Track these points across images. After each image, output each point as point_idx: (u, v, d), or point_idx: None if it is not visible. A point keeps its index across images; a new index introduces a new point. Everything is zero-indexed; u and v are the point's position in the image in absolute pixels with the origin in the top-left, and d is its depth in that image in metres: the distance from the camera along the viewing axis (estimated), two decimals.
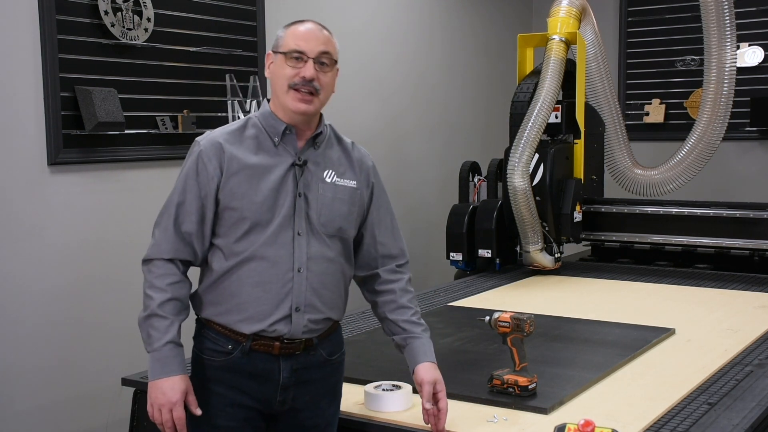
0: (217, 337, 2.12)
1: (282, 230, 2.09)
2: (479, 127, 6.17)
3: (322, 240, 2.14)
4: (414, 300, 2.34)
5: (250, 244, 2.08)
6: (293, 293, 2.09)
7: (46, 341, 3.47)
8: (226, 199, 2.08)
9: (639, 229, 4.60)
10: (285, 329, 2.09)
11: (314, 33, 2.13)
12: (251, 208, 2.07)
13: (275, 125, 2.13)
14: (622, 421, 2.20)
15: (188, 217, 2.09)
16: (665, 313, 3.46)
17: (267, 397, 2.13)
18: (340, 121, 4.88)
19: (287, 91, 2.10)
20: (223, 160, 2.08)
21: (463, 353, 2.85)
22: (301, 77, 2.09)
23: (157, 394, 2.04)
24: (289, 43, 2.11)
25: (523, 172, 4.10)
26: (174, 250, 2.09)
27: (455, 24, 5.94)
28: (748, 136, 5.85)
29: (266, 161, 2.11)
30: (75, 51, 3.52)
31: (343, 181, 2.19)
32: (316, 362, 2.18)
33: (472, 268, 4.49)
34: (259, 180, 2.09)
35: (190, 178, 2.09)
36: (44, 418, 3.46)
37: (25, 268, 3.39)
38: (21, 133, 3.37)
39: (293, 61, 2.10)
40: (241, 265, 2.08)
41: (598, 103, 4.79)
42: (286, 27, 2.16)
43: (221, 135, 2.13)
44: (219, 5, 4.14)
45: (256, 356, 2.10)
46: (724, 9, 4.54)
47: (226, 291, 2.10)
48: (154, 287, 2.07)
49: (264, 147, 2.12)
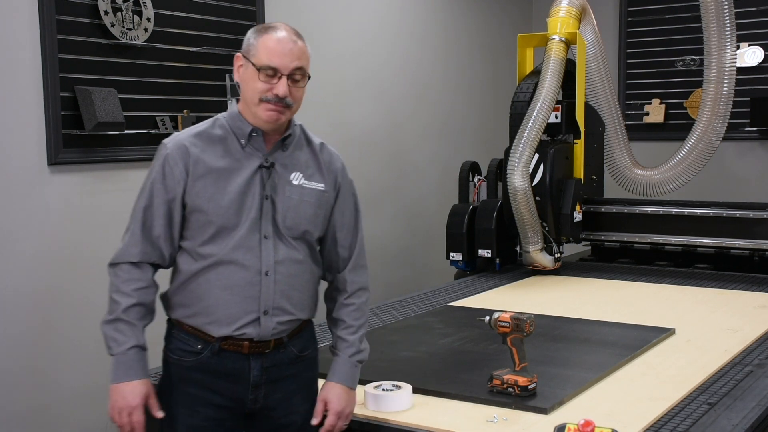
0: (186, 338, 2.13)
1: (250, 234, 2.09)
2: (479, 127, 6.17)
3: (289, 243, 2.14)
4: (356, 312, 2.25)
5: (218, 247, 2.08)
6: (261, 297, 2.10)
7: (45, 341, 3.47)
8: (192, 202, 2.08)
9: (639, 229, 4.60)
10: (253, 332, 2.10)
11: (287, 47, 2.07)
12: (218, 212, 2.07)
13: (242, 127, 2.13)
14: (622, 421, 2.20)
15: (156, 220, 2.09)
16: (665, 313, 3.46)
17: (239, 396, 2.14)
18: (339, 120, 4.92)
19: (258, 103, 2.08)
20: (189, 164, 2.08)
21: (463, 353, 2.85)
22: (274, 94, 2.07)
23: (117, 398, 2.06)
24: (262, 58, 2.06)
25: (523, 172, 4.10)
26: (142, 254, 2.09)
27: (455, 24, 5.94)
28: (748, 136, 5.85)
29: (233, 164, 2.10)
30: (75, 51, 3.52)
31: (310, 183, 2.18)
32: (287, 359, 2.18)
33: (472, 268, 4.49)
34: (226, 183, 2.08)
35: (156, 182, 2.10)
36: (43, 419, 3.46)
37: (24, 268, 3.39)
38: (21, 133, 3.37)
39: (266, 76, 2.07)
40: (210, 269, 2.09)
41: (598, 103, 4.79)
42: (258, 33, 2.10)
43: (187, 138, 2.12)
44: (219, 5, 4.14)
45: (225, 356, 2.11)
46: (724, 9, 4.54)
47: (194, 293, 2.11)
48: (120, 292, 2.07)
49: (231, 149, 2.12)
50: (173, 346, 2.15)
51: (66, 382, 3.54)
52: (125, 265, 2.09)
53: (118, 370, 2.06)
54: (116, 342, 2.06)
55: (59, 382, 3.53)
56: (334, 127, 4.83)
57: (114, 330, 2.06)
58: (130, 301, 2.07)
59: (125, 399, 2.05)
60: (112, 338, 2.06)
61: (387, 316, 3.43)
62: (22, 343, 3.39)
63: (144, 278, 2.10)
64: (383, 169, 5.29)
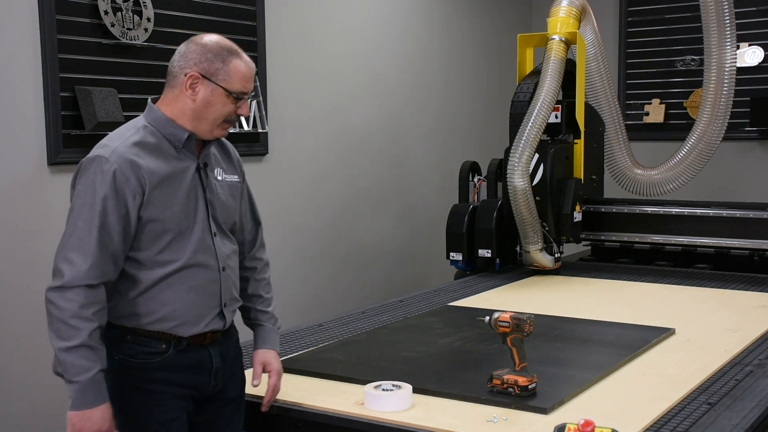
0: (147, 341, 2.14)
1: (204, 234, 2.17)
2: (479, 127, 6.17)
3: (228, 236, 2.27)
4: (267, 285, 2.46)
5: (177, 253, 2.12)
6: (222, 292, 2.22)
7: (45, 342, 3.46)
8: (147, 213, 2.08)
9: (639, 229, 4.60)
10: (219, 325, 2.22)
11: (252, 71, 2.19)
12: (172, 219, 2.11)
13: (176, 133, 2.14)
14: (622, 421, 2.20)
15: (114, 237, 2.04)
16: (665, 313, 3.46)
17: (201, 384, 2.22)
18: (339, 120, 4.92)
19: (220, 123, 2.16)
20: (141, 176, 2.06)
21: (463, 353, 2.85)
22: (237, 115, 2.18)
23: (85, 424, 2.02)
24: (235, 84, 2.13)
25: (523, 172, 4.10)
26: (101, 274, 2.02)
27: (455, 24, 5.94)
28: (748, 136, 5.85)
29: (175, 169, 2.13)
30: (75, 51, 3.52)
31: (230, 177, 2.29)
32: (233, 341, 2.34)
33: (472, 268, 4.49)
34: (174, 189, 2.12)
35: (109, 199, 2.02)
36: (43, 418, 3.46)
37: (24, 268, 3.39)
38: (21, 133, 3.37)
39: (235, 100, 2.15)
40: (173, 274, 2.12)
41: (598, 103, 4.79)
42: (225, 60, 2.12)
43: (127, 148, 2.07)
44: (219, 5, 4.14)
45: (189, 350, 2.18)
46: (724, 9, 4.54)
47: (155, 300, 2.12)
48: (79, 317, 1.98)
49: (167, 155, 2.13)
50: (132, 352, 2.13)
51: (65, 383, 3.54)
52: (80, 289, 1.99)
53: (85, 396, 2.01)
54: (81, 368, 2.00)
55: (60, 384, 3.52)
56: (334, 127, 4.83)
57: (77, 356, 1.99)
58: (91, 325, 2.00)
59: (96, 424, 2.02)
60: (74, 365, 2.00)
61: (387, 316, 3.43)
62: (23, 344, 3.39)
63: (101, 300, 2.04)
64: (383, 168, 5.29)
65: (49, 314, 2.02)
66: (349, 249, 5.11)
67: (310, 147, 4.70)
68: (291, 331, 3.17)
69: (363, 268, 5.23)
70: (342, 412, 2.32)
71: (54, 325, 2.01)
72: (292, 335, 3.13)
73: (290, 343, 3.00)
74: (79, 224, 2.04)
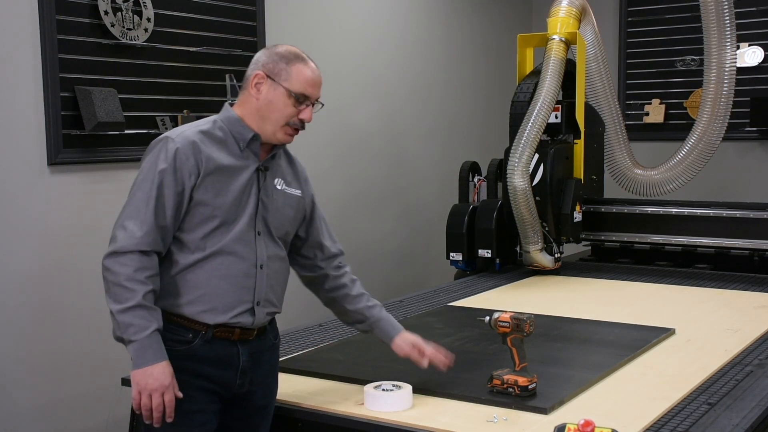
0: (175, 328, 2.18)
1: (247, 229, 2.22)
2: (479, 127, 6.17)
3: (275, 241, 2.31)
4: (361, 285, 2.56)
5: (219, 239, 2.18)
6: (256, 288, 2.24)
7: (45, 342, 3.47)
8: (199, 195, 2.16)
9: (639, 229, 4.60)
10: (247, 321, 2.23)
11: (319, 79, 2.28)
12: (222, 207, 2.18)
13: (242, 132, 2.25)
14: (622, 421, 2.20)
15: (166, 211, 2.14)
16: (665, 313, 3.46)
17: (227, 381, 2.24)
18: (339, 120, 4.91)
19: (282, 126, 2.25)
20: (200, 159, 2.16)
21: (463, 353, 2.85)
22: (300, 120, 2.26)
23: (148, 380, 2.07)
24: (297, 86, 2.22)
25: (523, 172, 4.10)
26: (153, 242, 2.12)
27: (455, 24, 5.94)
28: (748, 136, 5.85)
29: (236, 163, 2.22)
30: (75, 51, 3.52)
31: (290, 189, 2.37)
32: (267, 346, 2.35)
33: (472, 268, 4.49)
34: (229, 180, 2.20)
35: (167, 174, 2.13)
36: (43, 418, 3.46)
37: (24, 268, 3.39)
38: (21, 133, 3.37)
39: (297, 102, 2.23)
40: (209, 259, 2.18)
41: (598, 103, 4.79)
42: (290, 62, 2.25)
43: (194, 134, 2.20)
44: (219, 5, 4.14)
45: (216, 343, 2.20)
46: (724, 9, 4.54)
47: (189, 283, 2.18)
48: (134, 280, 2.08)
49: (231, 150, 2.23)
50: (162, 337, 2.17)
51: (66, 383, 3.54)
52: (134, 254, 2.09)
53: (145, 353, 2.07)
54: (139, 327, 2.07)
55: (59, 383, 3.53)
56: (334, 127, 4.83)
57: (134, 317, 2.07)
58: (146, 288, 2.09)
59: (158, 380, 2.07)
60: (132, 325, 2.07)
61: None
62: (23, 344, 3.39)
63: (154, 266, 2.13)
64: (383, 168, 5.29)
65: (106, 281, 2.11)
66: (349, 249, 5.06)
67: (310, 147, 4.69)
68: (291, 331, 3.17)
69: (363, 268, 5.21)
70: (342, 412, 2.33)
71: (111, 290, 2.10)
72: (292, 335, 3.13)
73: (290, 343, 3.00)
74: (138, 195, 2.14)
